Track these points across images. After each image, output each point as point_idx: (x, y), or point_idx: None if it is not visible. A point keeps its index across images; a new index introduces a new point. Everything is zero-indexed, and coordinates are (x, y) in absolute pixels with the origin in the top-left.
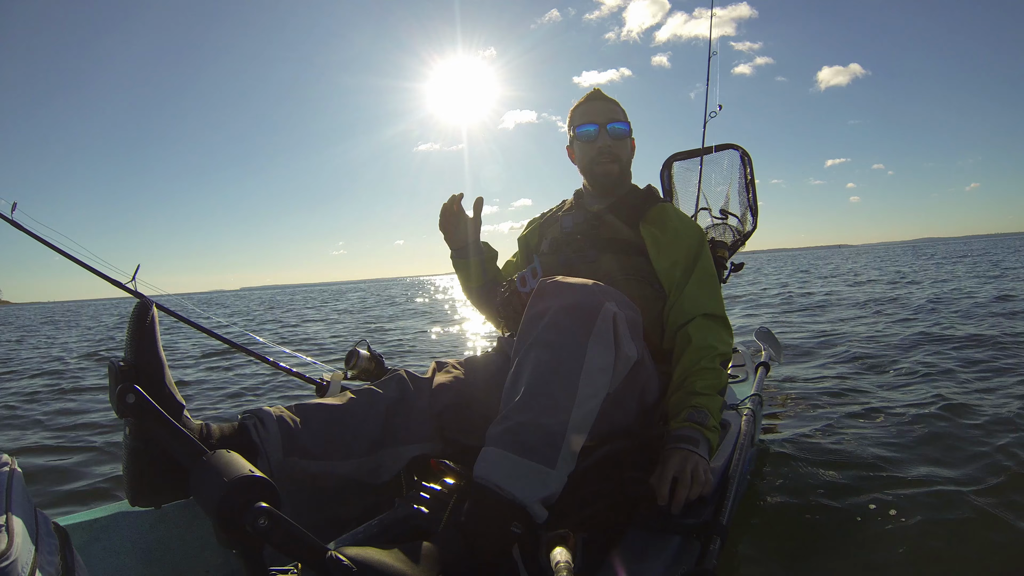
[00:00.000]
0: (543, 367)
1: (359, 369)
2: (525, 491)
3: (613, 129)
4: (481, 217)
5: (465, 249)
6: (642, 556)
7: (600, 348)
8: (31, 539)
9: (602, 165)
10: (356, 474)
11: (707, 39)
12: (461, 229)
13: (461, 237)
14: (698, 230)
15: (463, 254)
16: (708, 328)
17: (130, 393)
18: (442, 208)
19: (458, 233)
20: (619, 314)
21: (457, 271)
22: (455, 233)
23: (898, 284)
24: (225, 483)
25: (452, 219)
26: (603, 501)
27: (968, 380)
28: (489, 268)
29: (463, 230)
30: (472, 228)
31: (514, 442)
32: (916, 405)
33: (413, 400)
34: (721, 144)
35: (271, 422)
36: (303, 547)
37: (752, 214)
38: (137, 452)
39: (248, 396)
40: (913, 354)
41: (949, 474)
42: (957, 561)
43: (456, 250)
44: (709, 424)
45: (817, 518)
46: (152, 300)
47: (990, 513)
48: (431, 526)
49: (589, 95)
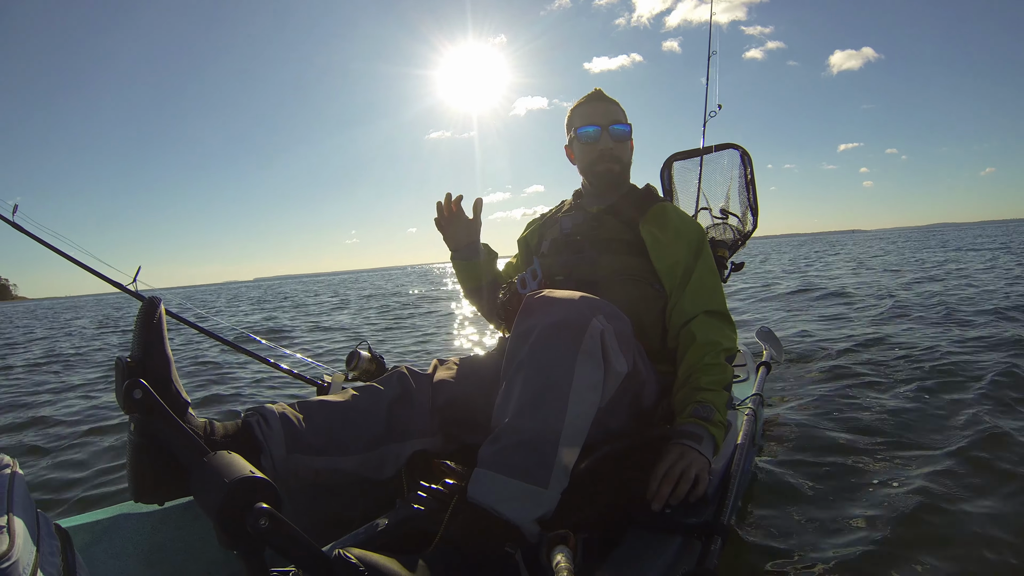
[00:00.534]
0: (532, 387)
1: (360, 370)
2: (519, 512)
3: (615, 131)
4: (481, 218)
5: (465, 250)
6: (642, 556)
7: (589, 366)
8: (32, 540)
9: (604, 164)
10: (360, 470)
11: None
12: (461, 230)
13: (461, 238)
14: (698, 228)
15: (463, 255)
16: (711, 325)
17: (136, 389)
18: (437, 206)
19: (457, 234)
20: (607, 329)
21: (457, 272)
22: (454, 233)
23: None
24: (226, 484)
25: (449, 219)
26: (603, 501)
27: (993, 383)
28: (489, 270)
29: (463, 231)
30: (472, 229)
31: (506, 464)
32: (922, 406)
33: (415, 396)
34: (721, 143)
35: (274, 419)
36: (302, 550)
37: (752, 214)
38: (141, 448)
39: (246, 396)
40: (923, 355)
41: (954, 477)
42: (958, 561)
43: (456, 251)
44: (714, 419)
45: (819, 518)
46: (160, 298)
47: (995, 517)
48: (432, 526)
49: (590, 96)
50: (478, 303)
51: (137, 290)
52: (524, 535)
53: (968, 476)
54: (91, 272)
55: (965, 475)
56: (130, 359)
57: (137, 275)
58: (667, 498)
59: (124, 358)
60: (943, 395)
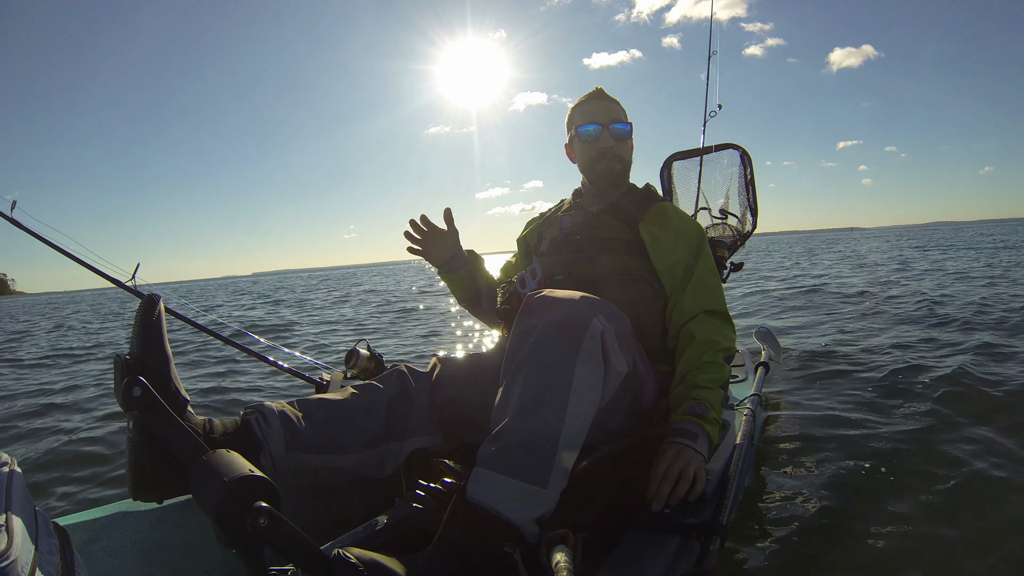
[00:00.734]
0: (532, 387)
1: (359, 368)
2: (518, 512)
3: (615, 129)
4: (456, 226)
5: (450, 263)
6: (642, 556)
7: (589, 366)
8: (31, 539)
9: (604, 163)
10: (359, 468)
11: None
12: (438, 244)
13: (441, 253)
14: (698, 228)
15: (450, 268)
16: (710, 324)
17: (135, 386)
18: (406, 235)
19: (436, 250)
20: (607, 329)
21: (449, 286)
22: (433, 250)
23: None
24: (225, 483)
25: (425, 238)
26: (603, 501)
27: (986, 379)
28: (479, 275)
29: (440, 245)
30: (451, 240)
31: (505, 464)
32: (923, 405)
33: (414, 394)
34: (721, 143)
35: (273, 417)
36: (301, 549)
37: (752, 214)
38: (140, 446)
39: (245, 394)
40: (924, 355)
41: (955, 477)
42: (958, 561)
43: (441, 266)
44: (709, 416)
45: (817, 518)
46: (159, 295)
47: (995, 511)
48: (431, 525)
49: (591, 95)
50: (478, 311)
51: (136, 287)
52: (523, 535)
53: (968, 476)
54: (90, 269)
55: (966, 475)
56: (129, 356)
57: (136, 272)
58: (667, 498)
59: (123, 355)
60: (943, 395)
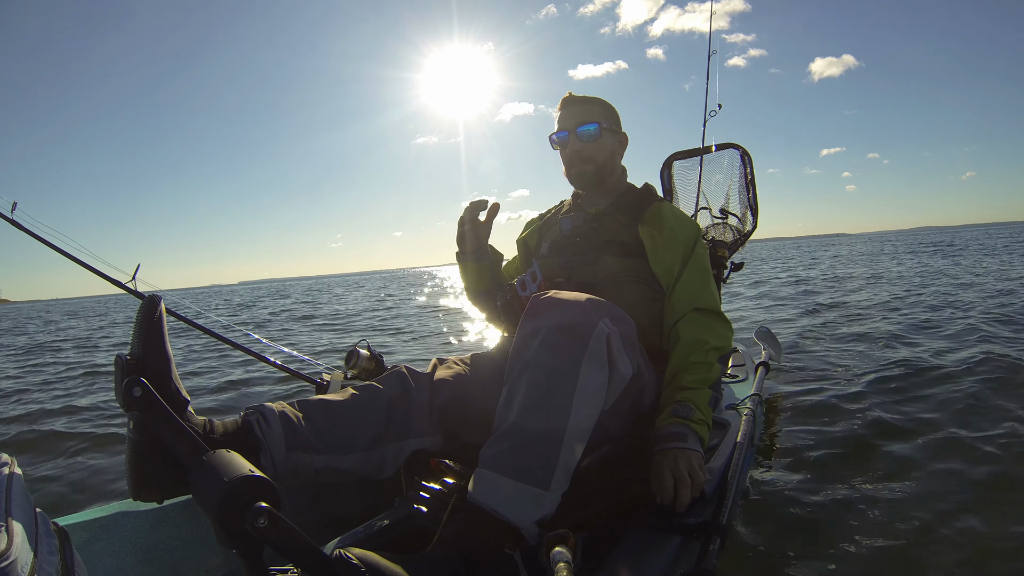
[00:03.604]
0: (537, 389)
1: (359, 369)
2: (520, 514)
3: (581, 132)
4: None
5: (475, 253)
6: (642, 556)
7: (594, 369)
8: (31, 539)
9: (575, 167)
10: (359, 469)
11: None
12: (474, 232)
13: (474, 241)
14: (693, 227)
15: (474, 258)
16: (698, 323)
17: (136, 387)
18: (463, 220)
19: (471, 237)
20: (613, 332)
21: (465, 274)
22: (471, 239)
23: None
24: (225, 483)
25: (473, 225)
26: (603, 501)
27: (991, 378)
28: (496, 271)
29: (474, 233)
30: (485, 232)
31: (508, 465)
32: (925, 404)
33: (414, 395)
34: (721, 143)
35: (273, 418)
36: (301, 549)
37: (752, 213)
38: (140, 446)
39: (245, 394)
40: (924, 355)
41: (955, 476)
42: (959, 561)
43: (467, 253)
44: (694, 417)
45: (817, 518)
46: (160, 296)
47: (994, 515)
48: (431, 526)
49: (562, 101)
50: (485, 305)
51: (136, 288)
52: (524, 536)
53: (969, 476)
54: (91, 270)
55: (966, 475)
56: (130, 357)
57: (136, 273)
58: (687, 500)
59: (124, 356)
60: (944, 395)
